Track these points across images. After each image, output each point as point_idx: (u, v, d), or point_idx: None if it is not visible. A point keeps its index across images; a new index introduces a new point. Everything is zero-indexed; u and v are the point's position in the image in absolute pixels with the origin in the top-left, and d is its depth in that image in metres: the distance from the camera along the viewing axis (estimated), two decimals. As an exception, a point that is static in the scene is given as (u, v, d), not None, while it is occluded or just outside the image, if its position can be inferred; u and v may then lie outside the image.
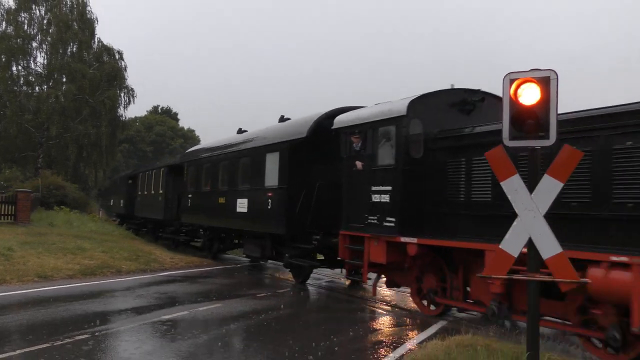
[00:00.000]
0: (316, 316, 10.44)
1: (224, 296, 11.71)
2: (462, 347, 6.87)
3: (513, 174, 5.17)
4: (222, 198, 17.69)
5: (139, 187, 29.25)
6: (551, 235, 4.98)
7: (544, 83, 5.06)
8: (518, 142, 5.20)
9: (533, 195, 5.06)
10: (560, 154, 5.06)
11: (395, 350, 7.47)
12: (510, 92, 5.15)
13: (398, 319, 10.07)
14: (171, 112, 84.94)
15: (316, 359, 6.90)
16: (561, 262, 4.95)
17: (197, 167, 20.59)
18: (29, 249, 15.22)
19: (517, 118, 5.14)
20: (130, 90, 39.88)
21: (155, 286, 12.81)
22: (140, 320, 8.81)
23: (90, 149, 38.05)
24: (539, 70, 5.12)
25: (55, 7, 36.40)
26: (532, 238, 5.04)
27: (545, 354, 5.90)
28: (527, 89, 5.10)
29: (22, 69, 36.15)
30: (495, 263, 5.27)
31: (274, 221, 14.18)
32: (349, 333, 8.53)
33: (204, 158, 19.98)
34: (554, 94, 5.05)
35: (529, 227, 5.05)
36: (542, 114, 5.06)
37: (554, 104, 5.04)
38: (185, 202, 21.21)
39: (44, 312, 9.10)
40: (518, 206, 5.11)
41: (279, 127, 15.86)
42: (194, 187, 20.61)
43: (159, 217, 24.72)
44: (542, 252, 5.00)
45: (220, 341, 7.69)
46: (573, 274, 4.94)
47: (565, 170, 5.03)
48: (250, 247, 16.77)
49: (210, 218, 18.88)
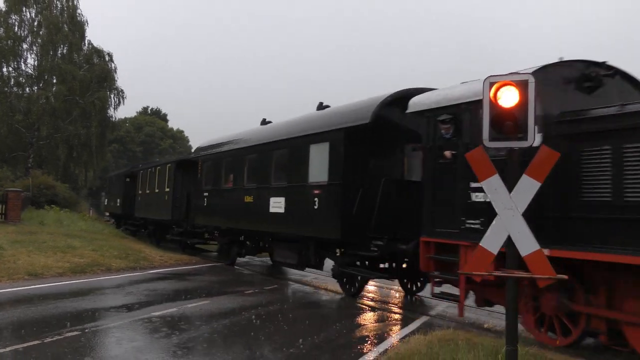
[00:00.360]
0: (303, 313, 10.40)
1: (212, 293, 11.64)
2: (443, 341, 6.89)
3: (493, 174, 5.17)
4: (249, 196, 15.10)
5: (140, 185, 26.73)
6: (529, 233, 5.00)
7: (522, 86, 5.07)
8: (497, 143, 5.20)
9: (512, 195, 5.07)
10: (538, 155, 5.07)
11: (379, 345, 7.47)
12: (490, 95, 5.16)
13: (382, 315, 10.08)
14: (160, 113, 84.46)
15: (302, 354, 6.88)
16: (539, 259, 4.97)
17: (215, 162, 17.85)
18: (20, 247, 15.02)
19: (496, 120, 5.14)
20: (120, 91, 39.62)
21: (145, 283, 12.70)
22: (130, 317, 8.72)
23: (81, 149, 37.75)
24: (517, 74, 5.15)
25: (45, 10, 36.20)
26: (511, 236, 5.05)
27: (524, 348, 5.92)
28: (506, 91, 5.11)
29: (13, 70, 35.82)
30: (476, 260, 5.27)
31: (324, 223, 11.67)
32: (335, 329, 8.52)
33: (225, 152, 17.19)
34: (531, 96, 5.06)
35: (508, 226, 5.06)
36: (521, 116, 5.07)
37: (532, 106, 5.05)
38: (199, 202, 18.51)
39: (34, 309, 8.98)
40: (498, 205, 5.11)
41: (325, 114, 13.21)
42: (210, 185, 17.90)
43: (165, 218, 22.01)
44: (521, 250, 5.01)
45: (209, 337, 7.63)
46: (550, 270, 4.96)
47: (543, 170, 5.04)
48: (283, 252, 14.21)
49: (232, 219, 16.19)
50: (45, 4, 36.35)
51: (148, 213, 24.82)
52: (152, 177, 24.55)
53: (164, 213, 22.03)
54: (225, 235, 17.51)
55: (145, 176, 25.79)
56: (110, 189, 35.50)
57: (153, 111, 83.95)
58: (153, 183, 24.20)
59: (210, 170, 18.23)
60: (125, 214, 29.37)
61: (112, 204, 33.30)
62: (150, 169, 25.32)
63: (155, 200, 23.63)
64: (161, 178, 23.06)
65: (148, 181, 25.18)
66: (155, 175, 24.04)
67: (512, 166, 5.32)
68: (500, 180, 5.15)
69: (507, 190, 5.10)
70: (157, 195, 23.39)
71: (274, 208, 13.64)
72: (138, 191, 27.01)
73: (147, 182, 25.24)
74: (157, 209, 23.25)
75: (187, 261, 18.15)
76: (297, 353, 6.92)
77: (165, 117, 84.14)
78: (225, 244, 17.69)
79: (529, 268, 5.02)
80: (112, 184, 34.67)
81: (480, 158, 5.27)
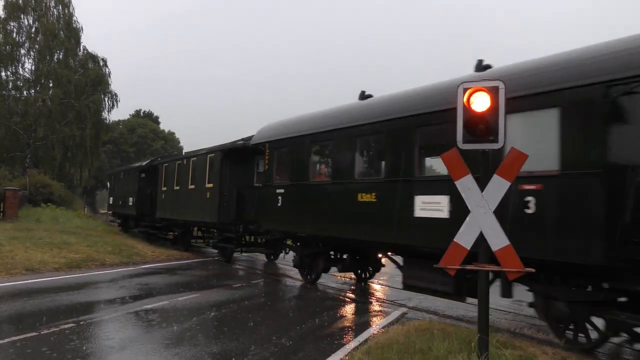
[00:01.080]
0: (287, 305, 10.43)
1: (202, 287, 11.62)
2: (420, 331, 6.97)
3: (466, 174, 5.25)
4: (368, 194, 10.23)
5: (163, 181, 21.87)
6: (499, 229, 5.08)
7: (493, 92, 5.15)
8: (470, 145, 5.28)
9: (484, 193, 5.15)
10: (508, 156, 5.16)
11: (360, 334, 7.53)
12: (464, 100, 5.23)
13: (363, 306, 10.14)
14: (152, 116, 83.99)
15: (287, 344, 6.91)
16: (508, 254, 5.05)
17: (294, 148, 12.76)
18: (17, 243, 14.88)
19: (469, 123, 5.21)
20: (114, 95, 39.74)
21: (138, 278, 12.64)
22: (124, 310, 8.69)
23: (76, 150, 37.64)
24: (489, 81, 5.22)
25: (42, 17, 36.31)
26: (483, 232, 5.13)
27: (495, 336, 6.01)
28: (478, 97, 5.18)
29: (11, 74, 35.77)
30: (450, 255, 5.34)
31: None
32: (318, 320, 8.55)
33: (312, 134, 12.20)
34: (502, 102, 5.14)
35: (480, 222, 5.14)
36: (492, 120, 5.15)
37: (502, 111, 5.13)
38: (269, 200, 13.43)
39: (31, 302, 8.91)
40: (471, 203, 5.19)
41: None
42: (288, 178, 12.95)
43: (207, 220, 17.33)
44: (492, 245, 5.10)
45: (199, 328, 7.63)
46: (519, 264, 5.05)
47: (512, 170, 5.13)
48: (426, 275, 9.15)
49: (330, 225, 11.23)
50: (43, 11, 36.44)
51: (178, 214, 20.04)
52: (182, 171, 19.97)
53: (206, 214, 17.31)
54: (308, 244, 12.98)
55: (172, 170, 21.05)
56: (115, 187, 30.69)
57: (145, 114, 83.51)
58: (185, 178, 19.61)
59: (287, 159, 13.20)
60: (141, 215, 24.62)
61: (120, 203, 28.16)
62: (180, 161, 20.55)
63: (190, 199, 18.88)
64: (198, 171, 18.42)
65: (177, 176, 20.50)
66: (188, 169, 19.42)
67: (483, 166, 5.41)
68: (473, 179, 5.22)
69: (479, 189, 5.18)
70: (193, 193, 18.66)
71: (424, 211, 9.02)
72: (161, 188, 22.12)
73: (176, 177, 20.60)
74: (194, 209, 18.48)
75: (178, 256, 18.06)
76: (283, 343, 6.95)
77: (157, 120, 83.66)
78: (305, 256, 13.14)
79: (500, 262, 5.10)
80: (117, 181, 29.97)
81: (454, 159, 5.34)
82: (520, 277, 6.76)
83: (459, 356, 5.57)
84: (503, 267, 5.09)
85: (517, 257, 5.05)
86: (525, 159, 5.17)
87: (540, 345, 6.96)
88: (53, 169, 36.54)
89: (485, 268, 5.20)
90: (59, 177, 36.09)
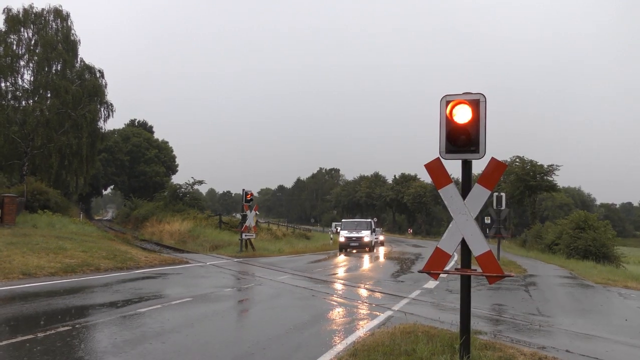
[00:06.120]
0: (277, 308, 10.37)
1: (194, 291, 11.52)
2: (405, 333, 6.95)
3: (449, 182, 5.27)
4: None
5: None
6: (481, 236, 5.10)
7: (474, 104, 5.18)
8: (453, 156, 5.30)
9: (466, 201, 5.17)
10: (488, 166, 5.18)
11: (347, 337, 7.49)
12: (447, 112, 5.26)
13: (350, 309, 10.10)
14: (147, 125, 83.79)
15: (276, 346, 6.85)
16: (489, 259, 5.07)
17: None
18: (14, 248, 14.67)
19: (451, 134, 5.24)
20: (110, 105, 39.90)
21: (131, 282, 12.50)
22: (118, 313, 8.58)
23: (72, 158, 37.45)
24: (470, 94, 5.25)
25: (41, 30, 36.31)
26: (465, 238, 5.15)
27: (476, 339, 6.01)
28: (460, 109, 5.21)
29: (10, 84, 35.52)
30: (434, 260, 5.34)
31: None
32: (307, 323, 8.50)
33: None
34: (483, 114, 5.18)
35: (462, 229, 5.15)
36: (474, 132, 5.18)
37: (484, 122, 5.17)
38: None
39: (28, 306, 8.77)
40: (453, 210, 5.21)
41: None
42: None
43: None
44: (474, 251, 5.11)
45: (191, 331, 7.55)
46: (499, 269, 5.06)
47: (492, 179, 5.15)
48: None
49: None
50: (42, 25, 36.42)
51: None
52: None
53: None
54: None
55: None
56: None
57: (140, 123, 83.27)
58: None
59: None
60: None
61: None
62: None
63: None
64: None
65: None
66: None
67: (465, 176, 5.43)
68: (456, 188, 5.25)
69: (461, 197, 5.20)
70: None
71: None
72: None
73: None
74: None
75: (171, 262, 17.92)
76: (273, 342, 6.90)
77: (151, 129, 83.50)
78: None
79: (480, 267, 5.12)
80: None
81: (437, 168, 5.36)
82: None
83: (442, 357, 5.56)
84: (484, 272, 5.10)
85: (497, 262, 5.08)
86: (504, 169, 5.21)
87: (519, 346, 6.97)
88: (50, 176, 36.28)
89: (468, 272, 5.21)
90: (55, 185, 35.85)
